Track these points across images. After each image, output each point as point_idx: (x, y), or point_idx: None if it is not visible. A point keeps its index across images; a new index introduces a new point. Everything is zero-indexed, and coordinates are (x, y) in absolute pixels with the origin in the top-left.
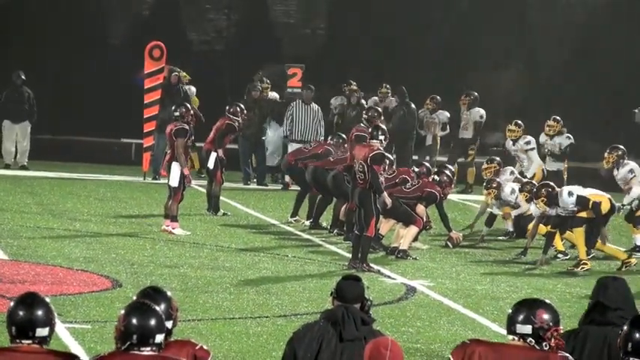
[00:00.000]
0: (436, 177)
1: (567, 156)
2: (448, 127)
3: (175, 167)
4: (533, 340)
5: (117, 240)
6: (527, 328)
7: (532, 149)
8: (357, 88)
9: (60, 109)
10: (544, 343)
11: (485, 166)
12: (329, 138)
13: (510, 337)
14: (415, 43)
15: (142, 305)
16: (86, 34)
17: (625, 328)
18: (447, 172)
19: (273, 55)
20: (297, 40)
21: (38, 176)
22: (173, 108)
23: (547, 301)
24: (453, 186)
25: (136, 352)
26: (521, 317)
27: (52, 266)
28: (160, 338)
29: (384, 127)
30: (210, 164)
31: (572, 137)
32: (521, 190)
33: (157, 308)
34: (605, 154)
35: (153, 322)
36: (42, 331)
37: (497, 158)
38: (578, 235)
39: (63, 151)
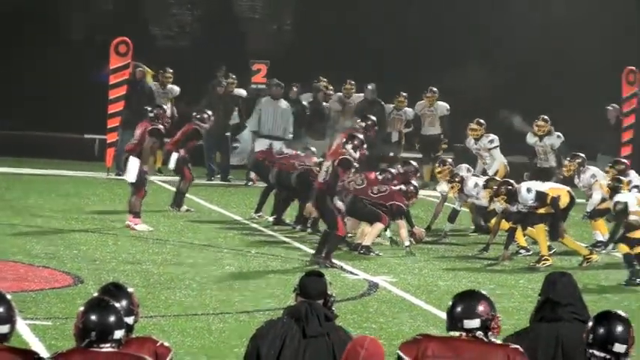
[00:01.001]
0: (403, 187)
1: (564, 155)
2: (412, 124)
3: (133, 162)
4: (482, 333)
5: (79, 236)
6: (476, 322)
7: (495, 147)
8: (327, 85)
9: (23, 104)
10: (489, 333)
11: (438, 169)
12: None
13: (456, 333)
14: (380, 39)
15: (101, 302)
16: (49, 28)
17: (590, 322)
18: (414, 182)
19: (238, 50)
20: (263, 35)
21: (0, 172)
22: (149, 108)
23: (481, 290)
24: (417, 197)
25: (95, 348)
26: (466, 312)
27: (13, 262)
28: (119, 334)
29: (362, 138)
30: (172, 165)
31: (562, 136)
32: (485, 187)
33: (116, 304)
34: (566, 162)
35: (111, 318)
36: (2, 328)
37: (449, 159)
38: (539, 231)
39: (26, 146)
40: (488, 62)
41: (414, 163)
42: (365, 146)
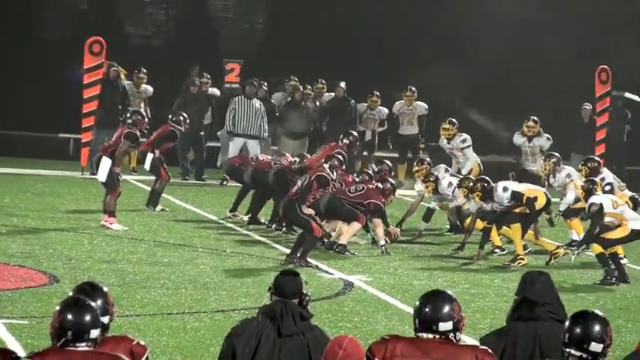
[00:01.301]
0: (379, 185)
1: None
2: (386, 123)
3: (105, 162)
4: (453, 335)
5: (54, 235)
6: (449, 325)
7: (468, 147)
8: (297, 84)
9: None
10: (457, 334)
11: (416, 168)
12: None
13: (428, 335)
14: (350, 37)
15: (77, 301)
16: (24, 28)
17: (567, 321)
18: (391, 179)
19: (212, 50)
20: (236, 35)
21: None
22: (128, 115)
23: (446, 291)
24: (395, 194)
25: (71, 348)
26: (440, 314)
27: None
28: (95, 334)
29: (341, 159)
30: (147, 165)
31: (551, 138)
32: (459, 186)
33: (92, 303)
34: (542, 162)
35: (87, 317)
36: None
37: (428, 159)
38: (515, 230)
39: (0, 146)
40: (462, 62)
41: (387, 162)
42: (344, 166)
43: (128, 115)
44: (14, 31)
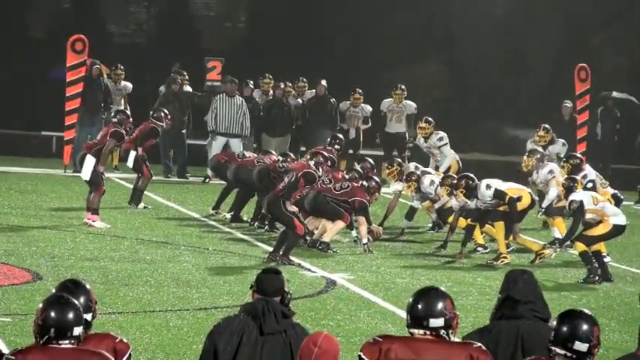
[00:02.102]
0: (364, 183)
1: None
2: (370, 120)
3: (90, 160)
4: (445, 332)
5: (37, 233)
6: (440, 321)
7: (445, 144)
8: (271, 82)
9: None
10: (450, 332)
11: (387, 171)
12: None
13: (420, 331)
14: (335, 35)
15: (60, 298)
16: (6, 26)
17: (555, 320)
18: (376, 177)
19: (193, 48)
20: (218, 33)
21: None
22: (112, 114)
23: (440, 288)
24: (380, 192)
25: (54, 345)
26: (431, 310)
27: None
28: (78, 331)
29: (328, 156)
30: (130, 163)
31: (566, 143)
32: (441, 184)
33: (75, 301)
34: (525, 158)
35: (70, 315)
36: None
37: (398, 159)
38: (498, 228)
39: None
40: (442, 60)
41: (369, 160)
42: (329, 163)
43: (112, 114)
44: None
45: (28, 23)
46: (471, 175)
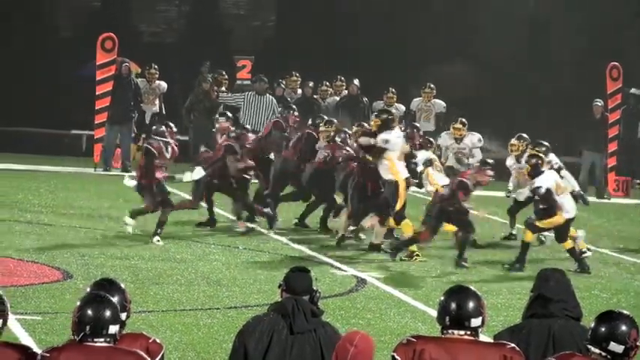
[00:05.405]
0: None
1: None
2: (404, 120)
3: (198, 171)
4: (479, 331)
5: (68, 231)
6: (479, 320)
7: (482, 145)
8: (298, 79)
9: (10, 100)
10: (480, 330)
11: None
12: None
13: (459, 331)
14: (364, 35)
15: (97, 296)
16: (38, 25)
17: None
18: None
19: (223, 46)
20: (247, 31)
21: None
22: (154, 127)
23: (470, 286)
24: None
25: (89, 343)
26: (473, 310)
27: (2, 257)
28: (113, 329)
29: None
30: (195, 176)
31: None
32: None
33: (112, 299)
34: (514, 141)
35: (107, 313)
36: None
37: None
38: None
39: (14, 142)
40: (472, 61)
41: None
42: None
43: (154, 127)
44: (28, 28)
45: (58, 22)
46: (540, 154)
